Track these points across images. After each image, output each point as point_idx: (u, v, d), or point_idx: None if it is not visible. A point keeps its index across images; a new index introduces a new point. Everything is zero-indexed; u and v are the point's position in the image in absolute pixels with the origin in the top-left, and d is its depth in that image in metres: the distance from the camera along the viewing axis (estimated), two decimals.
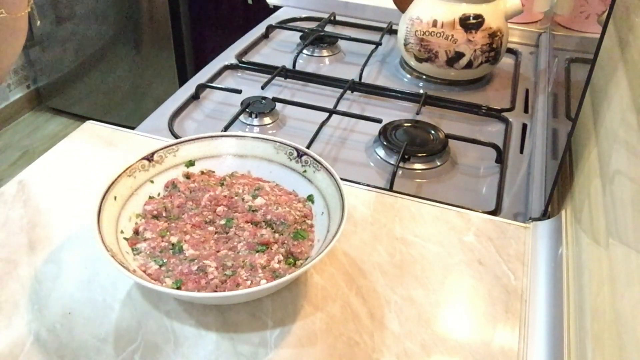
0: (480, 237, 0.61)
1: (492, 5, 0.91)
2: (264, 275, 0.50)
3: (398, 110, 0.90)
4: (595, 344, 0.42)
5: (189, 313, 0.51)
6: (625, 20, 0.59)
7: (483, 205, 0.69)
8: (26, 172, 0.68)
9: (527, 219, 0.65)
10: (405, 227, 0.62)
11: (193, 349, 0.48)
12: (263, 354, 0.48)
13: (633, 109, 0.47)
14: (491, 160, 0.78)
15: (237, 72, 1.01)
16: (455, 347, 0.50)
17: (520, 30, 1.17)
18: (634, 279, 0.38)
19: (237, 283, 0.49)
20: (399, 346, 0.49)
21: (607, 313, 0.41)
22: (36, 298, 0.52)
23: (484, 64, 0.93)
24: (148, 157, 0.59)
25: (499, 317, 0.52)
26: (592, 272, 0.48)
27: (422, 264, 0.57)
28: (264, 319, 0.51)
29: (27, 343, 0.48)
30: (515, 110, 0.91)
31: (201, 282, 0.49)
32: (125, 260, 0.50)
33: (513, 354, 0.49)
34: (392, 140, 0.79)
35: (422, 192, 0.72)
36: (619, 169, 0.48)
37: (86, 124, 0.78)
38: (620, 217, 0.44)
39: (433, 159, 0.77)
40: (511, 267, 0.58)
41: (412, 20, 0.94)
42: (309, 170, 0.59)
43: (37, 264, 0.55)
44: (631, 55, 0.53)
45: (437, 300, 0.54)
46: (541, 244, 0.60)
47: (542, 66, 1.04)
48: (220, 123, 0.83)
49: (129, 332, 0.49)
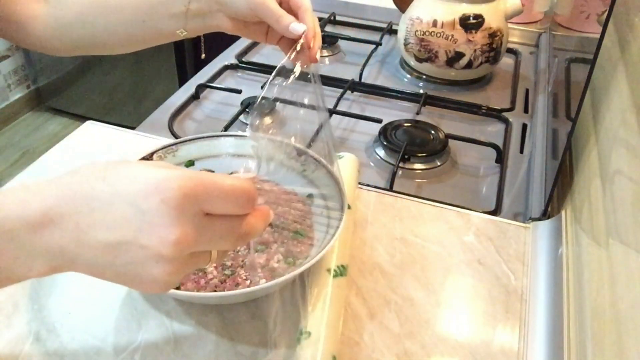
0: (480, 237, 0.61)
1: (492, 5, 0.91)
2: (263, 275, 0.50)
3: (398, 110, 0.90)
4: (595, 344, 0.42)
5: (189, 313, 0.51)
6: (625, 20, 0.59)
7: (483, 205, 0.69)
8: (26, 172, 0.68)
9: (527, 219, 0.65)
10: (405, 227, 0.62)
11: (193, 349, 0.48)
12: (263, 354, 0.48)
13: (633, 109, 0.47)
14: (491, 160, 0.78)
15: (237, 72, 1.01)
16: (455, 347, 0.49)
17: (520, 30, 1.17)
18: (634, 279, 0.38)
19: (237, 283, 0.50)
20: (399, 346, 0.49)
21: (607, 313, 0.41)
22: (36, 298, 0.52)
23: (484, 64, 0.93)
24: (147, 157, 0.59)
25: (499, 317, 0.52)
26: (592, 272, 0.48)
27: (422, 264, 0.57)
28: (264, 319, 0.51)
29: (27, 343, 0.48)
30: (515, 110, 0.91)
31: (200, 282, 0.50)
32: None
33: (513, 354, 0.49)
34: (392, 140, 0.78)
35: (422, 192, 0.72)
36: (619, 169, 0.48)
37: (86, 124, 0.78)
38: (620, 217, 0.44)
39: (433, 159, 0.77)
40: (511, 267, 0.57)
41: (412, 20, 0.94)
42: (309, 169, 0.59)
43: None
44: (631, 55, 0.53)
45: (437, 300, 0.54)
46: (541, 244, 0.60)
47: (542, 66, 1.04)
48: (220, 123, 0.83)
49: (129, 332, 0.49)
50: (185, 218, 0.33)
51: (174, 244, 0.32)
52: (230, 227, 0.36)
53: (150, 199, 0.32)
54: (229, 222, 0.35)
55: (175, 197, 0.32)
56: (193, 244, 0.34)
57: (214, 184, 0.34)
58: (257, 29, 0.59)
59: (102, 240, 0.33)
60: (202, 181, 0.33)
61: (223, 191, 0.34)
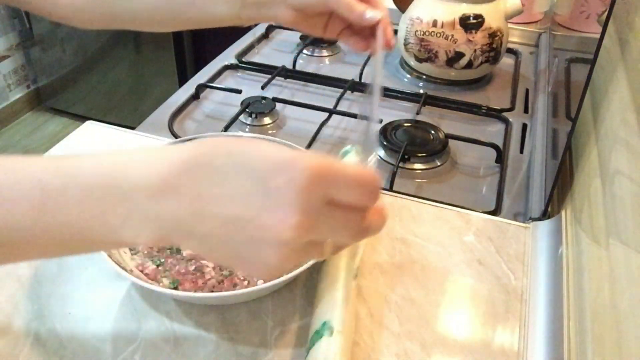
0: (480, 237, 0.61)
1: (492, 5, 0.91)
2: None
3: (398, 110, 0.90)
4: (595, 344, 0.42)
5: (189, 313, 0.51)
6: (625, 20, 0.59)
7: (483, 205, 0.69)
8: None
9: (527, 219, 0.65)
10: (405, 227, 0.62)
11: (193, 349, 0.48)
12: (263, 354, 0.48)
13: (633, 109, 0.47)
14: (491, 160, 0.78)
15: (237, 72, 1.00)
16: (455, 347, 0.49)
17: (520, 30, 1.17)
18: (634, 279, 0.38)
19: (234, 283, 0.50)
20: (399, 346, 0.49)
21: (607, 313, 0.41)
22: (36, 298, 0.52)
23: (484, 64, 0.93)
24: None
25: (499, 317, 0.52)
26: (592, 272, 0.48)
27: (422, 264, 0.57)
28: (264, 319, 0.51)
29: (27, 343, 0.48)
30: (515, 110, 0.91)
31: (198, 282, 0.50)
32: (123, 260, 0.50)
33: (513, 354, 0.49)
34: (392, 140, 0.78)
35: (422, 192, 0.72)
36: (619, 169, 0.48)
37: (86, 124, 0.78)
38: (620, 217, 0.44)
39: (433, 159, 0.77)
40: (511, 267, 0.57)
41: (412, 20, 0.94)
42: None
43: (37, 264, 0.55)
44: (631, 55, 0.53)
45: (437, 300, 0.54)
46: (541, 244, 0.60)
47: (542, 66, 1.04)
48: (220, 123, 0.83)
49: (128, 332, 0.49)
50: (310, 202, 0.31)
51: (294, 227, 0.31)
52: (352, 218, 0.34)
53: (277, 178, 0.31)
54: (351, 213, 0.34)
55: (303, 177, 0.30)
56: (313, 230, 0.32)
57: (343, 169, 0.32)
58: (317, 22, 0.56)
59: (221, 214, 0.31)
60: (331, 164, 0.32)
61: (351, 177, 0.32)
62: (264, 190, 0.31)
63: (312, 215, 0.31)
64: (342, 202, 0.33)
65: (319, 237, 0.34)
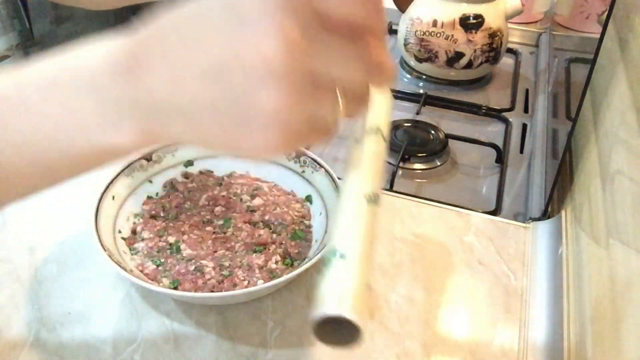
0: (480, 237, 0.61)
1: (492, 5, 0.91)
2: (261, 276, 0.50)
3: (398, 110, 0.90)
4: (595, 344, 0.42)
5: (189, 313, 0.51)
6: (625, 20, 0.59)
7: (483, 205, 0.69)
8: None
9: (527, 219, 0.65)
10: (405, 227, 0.62)
11: (193, 349, 0.48)
12: (263, 354, 0.48)
13: (633, 109, 0.47)
14: (491, 160, 0.78)
15: None
16: (455, 347, 0.49)
17: (520, 30, 1.17)
18: (634, 279, 0.38)
19: (234, 283, 0.49)
20: (399, 346, 0.49)
21: (607, 313, 0.41)
22: (36, 298, 0.52)
23: (484, 64, 0.93)
24: (146, 156, 0.59)
25: (499, 317, 0.52)
26: (592, 272, 0.48)
27: (422, 264, 0.57)
28: (263, 319, 0.51)
29: (27, 343, 0.48)
30: (515, 110, 0.91)
31: (198, 282, 0.49)
32: (123, 260, 0.50)
33: (513, 354, 0.49)
34: (392, 140, 0.78)
35: (422, 192, 0.72)
36: (619, 169, 0.48)
37: None
38: (620, 217, 0.44)
39: (433, 159, 0.77)
40: (511, 267, 0.57)
41: (412, 20, 0.94)
42: (308, 170, 0.59)
43: (37, 264, 0.55)
44: (631, 55, 0.53)
45: (437, 300, 0.54)
46: (541, 244, 0.60)
47: (542, 66, 1.04)
48: None
49: (128, 332, 0.49)
50: (295, 15, 0.25)
51: (284, 50, 0.25)
52: (354, 48, 0.27)
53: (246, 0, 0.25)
54: (351, 42, 0.27)
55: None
56: (308, 55, 0.26)
57: None
58: None
59: (197, 69, 0.26)
60: None
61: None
62: (236, 20, 0.25)
63: (301, 31, 0.25)
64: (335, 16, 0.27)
65: (319, 67, 0.27)
